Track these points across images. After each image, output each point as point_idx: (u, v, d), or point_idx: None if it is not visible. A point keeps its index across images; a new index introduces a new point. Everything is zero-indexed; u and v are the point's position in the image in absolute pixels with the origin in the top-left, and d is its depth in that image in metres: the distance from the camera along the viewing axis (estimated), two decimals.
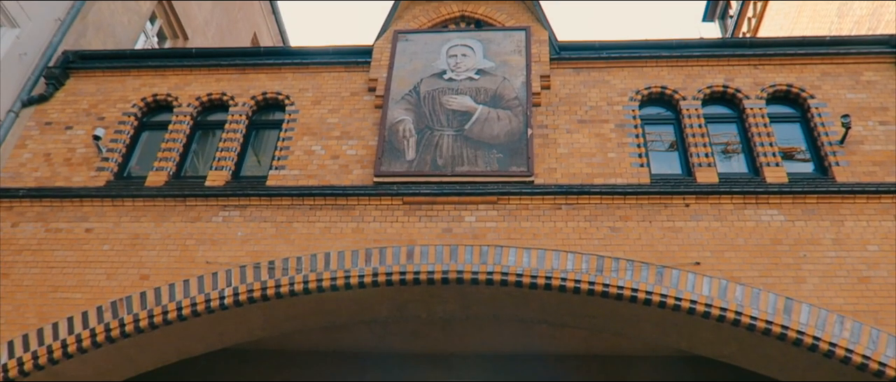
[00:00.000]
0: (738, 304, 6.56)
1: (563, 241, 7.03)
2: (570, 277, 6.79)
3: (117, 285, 7.09)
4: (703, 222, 7.09)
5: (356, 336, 9.35)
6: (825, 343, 6.36)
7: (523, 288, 6.88)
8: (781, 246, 6.89)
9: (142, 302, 6.94)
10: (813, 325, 6.42)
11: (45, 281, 7.18)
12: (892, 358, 6.22)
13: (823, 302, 6.54)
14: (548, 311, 7.34)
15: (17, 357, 6.74)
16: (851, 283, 6.64)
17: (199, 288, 6.97)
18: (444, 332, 9.11)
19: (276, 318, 7.38)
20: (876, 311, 6.46)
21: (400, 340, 9.38)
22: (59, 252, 7.39)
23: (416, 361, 9.58)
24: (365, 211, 7.37)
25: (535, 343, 9.23)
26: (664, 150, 8.05)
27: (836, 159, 7.46)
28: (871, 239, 6.87)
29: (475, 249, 7.00)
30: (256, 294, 6.93)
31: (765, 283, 6.67)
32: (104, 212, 7.63)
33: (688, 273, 6.75)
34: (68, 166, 8.11)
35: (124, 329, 6.84)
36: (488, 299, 7.18)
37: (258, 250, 7.19)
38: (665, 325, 7.07)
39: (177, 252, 7.26)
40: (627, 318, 7.15)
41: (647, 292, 6.68)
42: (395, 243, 7.11)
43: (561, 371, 9.37)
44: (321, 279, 6.93)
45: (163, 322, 6.89)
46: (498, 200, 7.33)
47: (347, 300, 7.20)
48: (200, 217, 7.48)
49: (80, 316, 6.90)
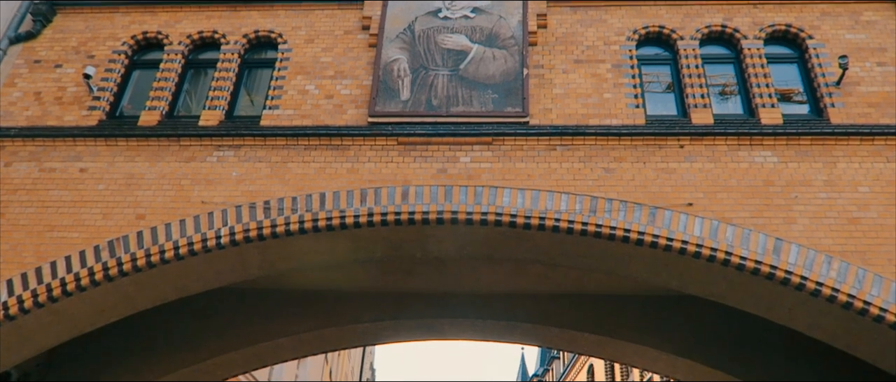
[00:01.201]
0: (729, 244, 6.65)
1: (557, 182, 7.07)
2: (563, 218, 6.84)
3: (114, 224, 7.12)
4: (696, 163, 7.13)
5: (352, 276, 9.47)
6: (812, 282, 6.49)
7: (517, 228, 6.94)
8: (774, 187, 6.94)
9: (139, 241, 6.99)
10: (801, 265, 6.54)
11: (42, 220, 7.20)
12: (876, 297, 6.36)
13: (812, 242, 6.64)
14: (541, 251, 7.43)
15: (16, 295, 6.81)
16: (841, 224, 6.73)
17: (195, 228, 7.01)
18: (438, 272, 9.23)
19: (273, 258, 7.45)
20: (863, 251, 6.57)
21: (395, 279, 9.50)
22: (54, 191, 7.39)
23: (411, 300, 9.74)
24: (360, 152, 7.37)
25: (529, 282, 9.38)
26: (661, 92, 8.01)
27: (832, 101, 7.45)
28: (862, 180, 6.93)
29: (470, 190, 7.03)
30: (252, 233, 6.97)
31: (755, 224, 6.75)
32: (97, 152, 7.60)
33: (680, 213, 6.82)
34: (59, 105, 8.03)
35: (122, 267, 6.91)
36: (482, 239, 7.26)
37: (253, 190, 7.21)
38: (656, 265, 7.18)
39: (172, 192, 7.27)
40: (620, 258, 7.25)
41: (639, 232, 6.76)
42: (389, 183, 7.13)
43: (554, 310, 9.56)
44: (317, 219, 6.97)
45: (160, 261, 6.95)
46: (493, 141, 7.33)
47: (343, 240, 7.26)
48: (195, 157, 7.47)
49: (78, 254, 6.95)
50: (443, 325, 10.08)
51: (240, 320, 9.60)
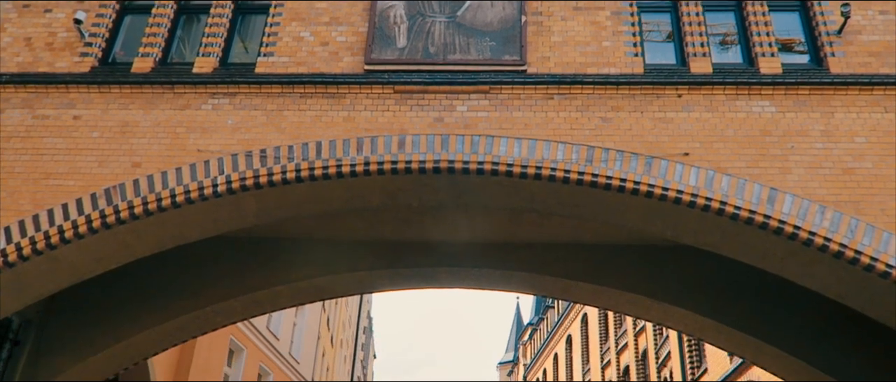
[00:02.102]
0: (724, 194, 6.68)
1: (554, 131, 7.05)
2: (559, 167, 6.85)
3: (109, 172, 7.11)
4: (694, 113, 7.10)
5: (348, 225, 9.51)
6: (805, 232, 6.55)
7: (513, 177, 6.95)
8: (770, 137, 6.94)
9: (135, 189, 6.98)
10: (794, 215, 6.58)
11: (37, 167, 7.18)
12: (867, 247, 6.43)
13: (807, 192, 6.68)
14: (537, 201, 7.46)
15: (14, 243, 6.84)
16: (836, 174, 6.75)
17: (191, 176, 7.01)
18: (434, 221, 9.28)
19: (270, 206, 7.47)
20: (857, 201, 6.61)
21: (391, 228, 9.55)
22: (48, 139, 7.35)
23: (407, 249, 9.81)
24: (356, 100, 7.31)
25: (524, 231, 9.44)
26: (661, 41, 7.92)
27: (832, 50, 7.38)
28: (859, 130, 6.93)
29: (466, 139, 7.01)
30: (249, 182, 6.98)
31: (751, 174, 6.77)
32: (91, 99, 7.53)
33: (676, 163, 6.82)
34: (51, 51, 7.92)
35: (119, 215, 6.92)
36: (479, 188, 7.27)
37: (249, 138, 7.18)
38: (651, 215, 7.22)
39: (167, 139, 7.24)
40: (615, 208, 7.29)
41: (635, 182, 6.78)
42: (386, 132, 7.11)
43: (549, 260, 9.65)
44: (313, 167, 6.97)
45: (157, 208, 6.97)
46: (490, 89, 7.27)
47: (339, 188, 7.27)
48: (189, 104, 7.41)
49: (75, 202, 6.96)
50: (439, 274, 10.18)
51: (238, 268, 9.68)
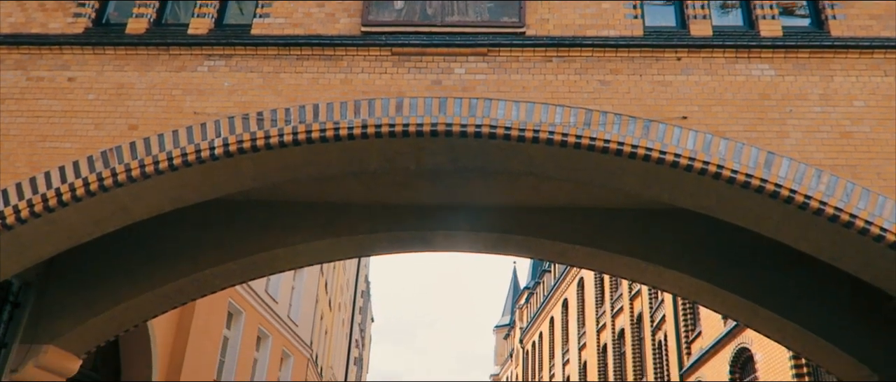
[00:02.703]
0: (721, 158, 6.69)
1: (552, 94, 7.02)
2: (557, 130, 6.84)
3: (106, 135, 7.09)
4: (693, 76, 7.07)
5: (346, 188, 9.52)
6: (801, 195, 6.57)
7: (511, 141, 6.94)
8: (769, 100, 6.93)
9: (132, 151, 6.97)
10: (791, 179, 6.60)
11: (33, 130, 7.15)
12: (862, 210, 6.47)
13: (804, 156, 6.69)
14: (534, 164, 7.46)
15: (12, 205, 6.85)
16: (833, 138, 6.75)
17: (188, 139, 6.98)
18: (432, 184, 9.29)
19: (267, 169, 7.46)
20: (854, 165, 6.63)
21: (388, 192, 9.57)
22: (43, 101, 7.30)
23: (405, 212, 9.84)
24: (353, 62, 7.26)
25: (522, 195, 9.46)
26: (661, 3, 7.84)
27: (834, 12, 7.32)
28: (858, 94, 6.91)
29: (464, 101, 6.98)
30: (246, 145, 6.96)
31: (749, 138, 6.77)
32: (85, 61, 7.47)
33: (674, 127, 6.82)
34: (43, 12, 7.82)
35: (117, 178, 6.92)
36: (476, 152, 7.27)
37: (246, 101, 7.14)
38: (648, 178, 7.24)
39: (163, 102, 7.20)
40: (612, 171, 7.30)
41: (632, 145, 6.78)
42: (383, 95, 7.07)
43: (546, 223, 9.69)
44: (310, 130, 6.95)
45: (155, 171, 6.96)
46: (488, 52, 7.22)
47: (337, 151, 7.26)
48: (185, 66, 7.35)
49: (71, 165, 6.95)
50: (436, 237, 10.23)
51: (236, 231, 9.71)
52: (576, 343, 34.18)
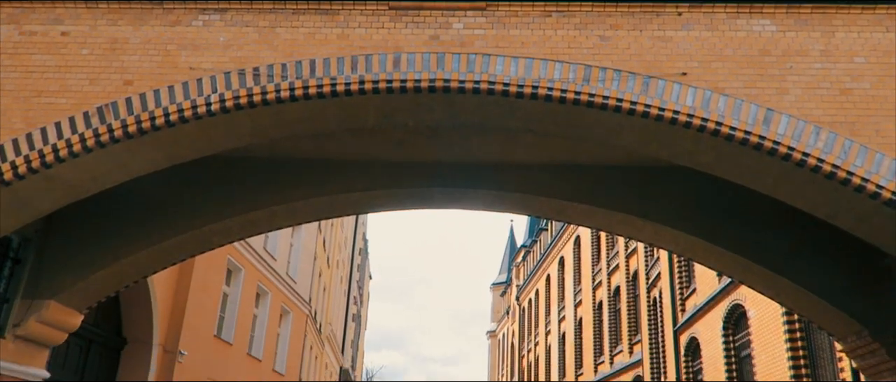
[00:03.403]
0: (720, 115, 6.67)
1: (551, 50, 6.96)
2: (556, 87, 6.80)
3: (101, 90, 7.03)
4: (693, 32, 7.00)
5: (343, 145, 9.50)
6: (799, 153, 6.58)
7: (510, 97, 6.91)
8: (769, 57, 6.88)
9: (128, 107, 6.92)
10: (789, 136, 6.60)
11: (27, 85, 7.09)
12: (859, 168, 6.48)
13: (803, 113, 6.67)
14: (533, 121, 7.44)
15: (9, 161, 6.83)
16: (833, 95, 6.73)
17: (184, 94, 6.93)
18: (430, 141, 9.26)
19: (264, 125, 7.43)
20: (853, 122, 6.62)
21: (386, 149, 9.54)
22: (37, 56, 7.22)
23: (403, 169, 9.83)
24: (350, 17, 7.17)
25: (520, 152, 9.45)
26: None
27: None
28: (859, 50, 6.86)
29: (462, 57, 6.92)
30: (243, 100, 6.91)
31: (748, 94, 6.74)
32: (79, 15, 7.36)
33: (673, 83, 6.78)
34: None
35: (113, 134, 6.89)
36: (475, 108, 7.23)
37: (241, 56, 7.07)
38: (647, 135, 7.23)
39: (158, 57, 7.12)
40: (611, 128, 7.28)
41: (631, 102, 6.75)
42: (381, 50, 7.00)
43: (544, 180, 9.70)
44: (307, 86, 6.89)
45: (151, 127, 6.93)
46: (487, 6, 7.13)
47: (334, 108, 7.22)
48: (180, 21, 7.25)
49: (68, 121, 6.91)
50: (434, 194, 10.24)
51: (234, 188, 9.71)
52: (572, 300, 34.58)
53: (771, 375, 13.26)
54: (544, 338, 40.93)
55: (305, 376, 27.53)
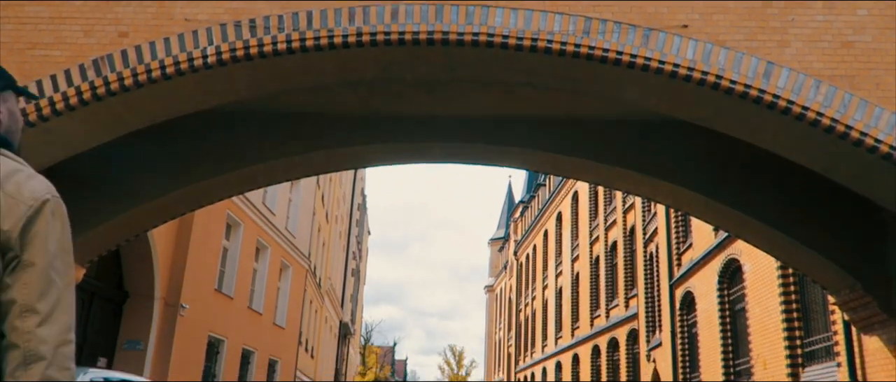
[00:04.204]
0: (720, 68, 6.63)
1: (551, 2, 6.87)
2: (556, 39, 6.73)
3: (96, 42, 6.95)
4: None
5: (341, 99, 9.45)
6: (798, 106, 6.56)
7: (509, 50, 6.84)
8: (771, 8, 6.80)
9: (123, 59, 6.86)
10: (789, 89, 6.57)
11: (21, 37, 7.01)
12: (858, 121, 6.48)
13: (804, 66, 6.63)
14: (532, 74, 7.39)
15: None
16: (834, 48, 6.68)
17: (180, 47, 6.86)
18: (428, 95, 9.22)
19: (262, 78, 7.38)
20: (853, 76, 6.59)
21: (385, 102, 9.51)
22: (30, 7, 7.11)
23: (401, 123, 9.81)
24: None
25: (518, 106, 9.42)
26: None
27: None
28: (861, 2, 6.78)
29: (461, 8, 6.83)
30: (239, 53, 6.85)
31: (749, 47, 6.69)
32: None
33: (674, 36, 6.72)
34: None
35: (109, 87, 6.84)
36: (473, 60, 7.18)
37: (237, 7, 6.97)
38: (647, 88, 7.20)
39: (153, 8, 7.02)
40: (611, 81, 7.25)
41: (631, 55, 6.70)
42: (379, 2, 6.90)
43: (542, 134, 9.69)
44: (304, 38, 6.82)
45: (147, 80, 6.88)
46: None
47: (331, 60, 7.16)
48: None
49: (63, 73, 6.85)
50: (432, 148, 10.25)
51: (233, 142, 9.70)
52: (569, 255, 34.87)
53: (764, 328, 13.48)
54: (541, 293, 41.42)
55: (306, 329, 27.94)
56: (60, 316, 1.52)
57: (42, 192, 1.61)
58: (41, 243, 1.56)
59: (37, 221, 1.57)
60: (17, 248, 1.54)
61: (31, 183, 1.61)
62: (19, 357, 1.47)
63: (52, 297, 1.53)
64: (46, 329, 1.49)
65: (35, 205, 1.58)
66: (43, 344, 1.48)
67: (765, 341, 13.45)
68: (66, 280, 1.58)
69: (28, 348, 1.47)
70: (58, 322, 1.51)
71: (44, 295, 1.52)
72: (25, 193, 1.58)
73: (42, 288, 1.52)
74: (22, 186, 1.58)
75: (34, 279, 1.52)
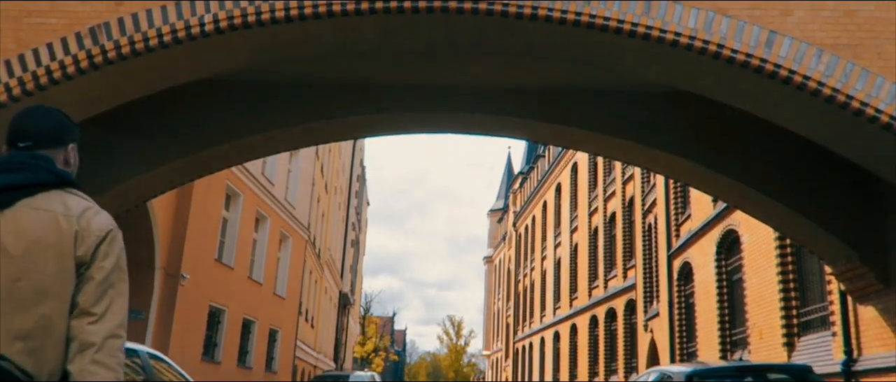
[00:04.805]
0: (722, 37, 6.58)
1: None
2: (556, 7, 6.67)
3: (92, 10, 6.88)
4: None
5: (341, 68, 9.39)
6: (799, 76, 6.53)
7: (509, 18, 6.78)
8: None
9: (120, 28, 6.80)
10: (791, 58, 6.53)
11: (16, 5, 6.93)
12: (859, 91, 6.45)
13: (806, 35, 6.58)
14: (532, 43, 7.34)
15: (3, 83, 6.75)
16: (837, 16, 6.62)
17: (177, 14, 6.79)
18: (427, 64, 9.15)
19: (260, 46, 7.32)
20: (856, 45, 6.54)
21: (384, 72, 9.45)
22: None
23: (400, 93, 9.75)
24: None
25: (519, 76, 9.36)
26: None
27: None
28: None
29: None
30: (237, 21, 6.78)
31: (751, 15, 6.63)
32: None
33: (675, 4, 6.65)
34: None
35: (106, 55, 6.79)
36: (473, 29, 7.12)
37: None
38: (647, 58, 7.15)
39: None
40: (611, 50, 7.19)
41: (632, 23, 6.64)
42: None
43: (542, 104, 9.64)
44: (303, 6, 6.74)
45: (144, 48, 6.82)
46: None
47: (330, 28, 7.09)
48: None
49: (60, 41, 6.79)
50: (431, 118, 10.21)
51: (232, 112, 9.66)
52: (568, 226, 34.98)
53: (761, 298, 13.59)
54: (540, 264, 41.64)
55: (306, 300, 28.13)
56: (112, 318, 2.04)
57: (106, 226, 2.15)
58: (101, 263, 2.08)
59: (101, 247, 2.10)
60: (87, 267, 2.06)
61: (98, 218, 2.14)
62: (77, 346, 1.97)
63: (105, 303, 2.04)
64: (97, 326, 1.99)
65: (101, 235, 2.11)
66: (93, 336, 1.97)
67: (761, 311, 13.57)
68: (119, 290, 2.11)
69: (82, 339, 1.97)
70: (109, 321, 2.02)
71: (98, 302, 2.03)
72: (94, 227, 2.11)
73: (97, 296, 2.03)
74: (92, 221, 2.11)
75: (91, 289, 2.03)
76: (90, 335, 1.96)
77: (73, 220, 2.08)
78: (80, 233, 2.06)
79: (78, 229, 2.06)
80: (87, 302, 2.01)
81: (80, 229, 2.07)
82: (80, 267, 2.05)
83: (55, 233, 2.04)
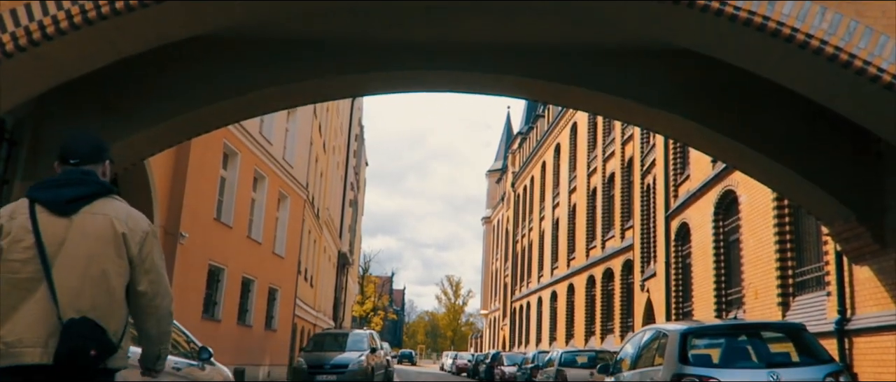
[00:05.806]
0: None
1: None
2: None
3: None
4: None
5: (337, 25, 9.25)
6: (802, 34, 6.44)
7: None
8: None
9: None
10: (794, 16, 6.44)
11: None
12: (862, 50, 6.38)
13: None
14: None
15: None
16: None
17: None
18: (426, 21, 9.02)
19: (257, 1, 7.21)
20: (860, 2, 6.44)
21: (382, 29, 9.31)
22: None
23: (398, 51, 9.63)
24: None
25: (517, 33, 9.23)
26: None
27: None
28: None
29: None
30: None
31: None
32: None
33: None
34: None
35: (100, 10, 6.67)
36: None
37: None
38: (648, 16, 7.05)
39: None
40: (611, 8, 7.09)
41: None
42: None
43: (541, 62, 9.54)
44: None
45: (139, 4, 6.68)
46: None
47: None
48: None
49: None
50: (430, 77, 10.11)
51: (228, 69, 9.54)
52: (566, 186, 35.03)
53: (757, 258, 13.68)
54: (538, 224, 41.82)
55: (305, 259, 28.30)
56: (165, 293, 3.00)
57: (146, 225, 2.97)
58: (150, 256, 2.94)
59: (146, 244, 2.94)
60: (137, 261, 2.90)
61: (139, 221, 2.97)
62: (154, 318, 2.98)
63: (160, 285, 2.98)
64: (160, 300, 2.98)
65: (144, 235, 2.94)
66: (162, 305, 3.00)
67: (757, 271, 13.68)
68: (162, 273, 3.01)
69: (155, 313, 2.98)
70: (165, 296, 3.00)
71: (157, 285, 2.96)
72: (138, 228, 2.93)
73: (154, 280, 2.95)
74: (136, 223, 2.94)
75: (150, 279, 2.94)
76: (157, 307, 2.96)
77: (122, 222, 2.86)
78: (127, 234, 2.86)
79: (126, 231, 2.86)
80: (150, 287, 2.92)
81: (129, 230, 2.87)
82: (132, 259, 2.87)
83: (112, 232, 2.83)
